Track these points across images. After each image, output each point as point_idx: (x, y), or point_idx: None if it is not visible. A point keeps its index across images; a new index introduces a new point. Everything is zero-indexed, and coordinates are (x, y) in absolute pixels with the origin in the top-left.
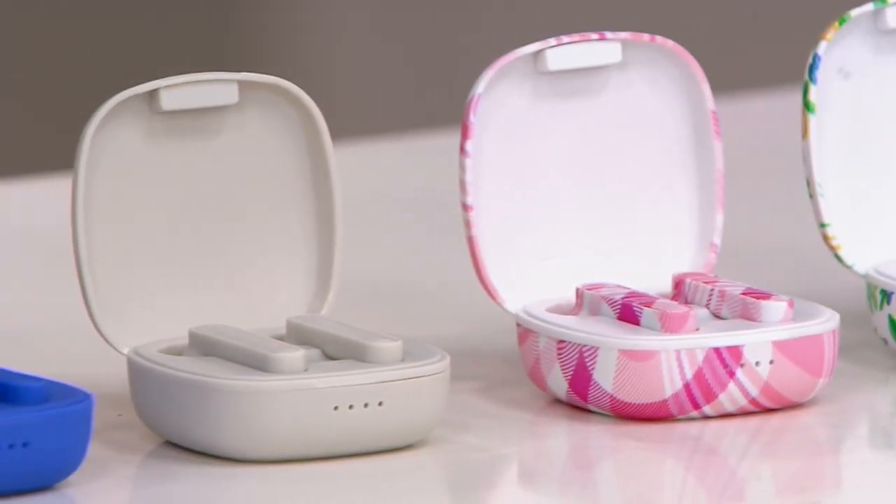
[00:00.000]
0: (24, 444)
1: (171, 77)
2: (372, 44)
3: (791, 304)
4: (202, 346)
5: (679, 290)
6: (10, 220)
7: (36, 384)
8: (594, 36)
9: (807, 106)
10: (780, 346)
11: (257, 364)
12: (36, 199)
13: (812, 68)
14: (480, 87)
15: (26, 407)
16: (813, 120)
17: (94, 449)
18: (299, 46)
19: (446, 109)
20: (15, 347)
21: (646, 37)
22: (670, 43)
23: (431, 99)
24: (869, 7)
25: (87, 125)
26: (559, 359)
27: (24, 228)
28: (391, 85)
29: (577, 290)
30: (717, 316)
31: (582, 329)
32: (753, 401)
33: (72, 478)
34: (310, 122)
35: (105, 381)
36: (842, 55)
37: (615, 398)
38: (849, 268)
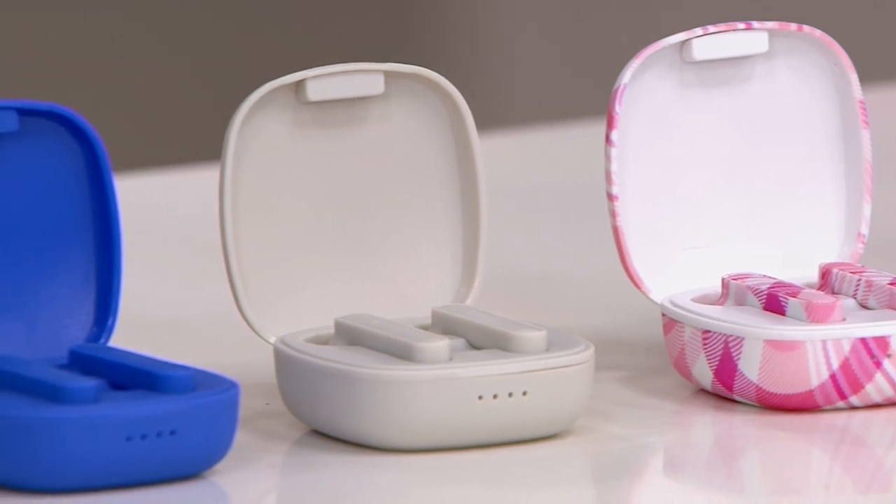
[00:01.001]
0: (172, 433)
1: (318, 67)
2: (518, 33)
3: None
4: (348, 335)
5: (826, 280)
6: (160, 209)
7: (183, 373)
8: (741, 25)
9: None
10: None
11: (402, 353)
12: (184, 188)
13: None
14: (626, 76)
15: (174, 396)
16: None
17: (240, 437)
18: (444, 36)
19: (592, 99)
20: (164, 336)
21: (793, 26)
22: (818, 32)
23: (577, 89)
24: None
25: (235, 116)
26: (704, 349)
27: (173, 218)
28: (537, 75)
29: (723, 279)
30: (863, 306)
31: (727, 319)
32: None
33: (219, 466)
34: (455, 111)
35: (252, 370)
36: None
37: (761, 388)
38: None
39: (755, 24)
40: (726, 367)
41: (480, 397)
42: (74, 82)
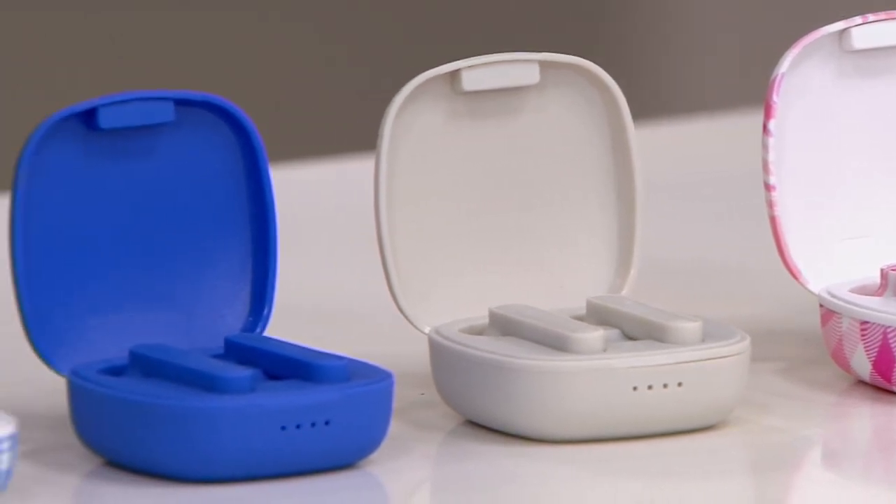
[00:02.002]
0: (326, 423)
1: (473, 57)
2: (674, 23)
3: None
4: (502, 325)
5: None
6: (315, 200)
7: (338, 363)
8: None
9: None
10: None
11: (556, 344)
12: (339, 179)
13: None
14: (784, 65)
15: (328, 385)
16: None
17: (395, 427)
18: (601, 25)
19: (749, 89)
20: (319, 326)
21: None
22: None
23: (734, 78)
24: None
25: (390, 106)
26: (863, 340)
27: (328, 208)
28: (693, 64)
29: (882, 270)
30: None
31: (886, 310)
32: None
33: (373, 456)
34: (611, 102)
35: (407, 360)
36: None
37: None
38: None
39: None
40: (885, 359)
41: (635, 388)
42: (229, 72)
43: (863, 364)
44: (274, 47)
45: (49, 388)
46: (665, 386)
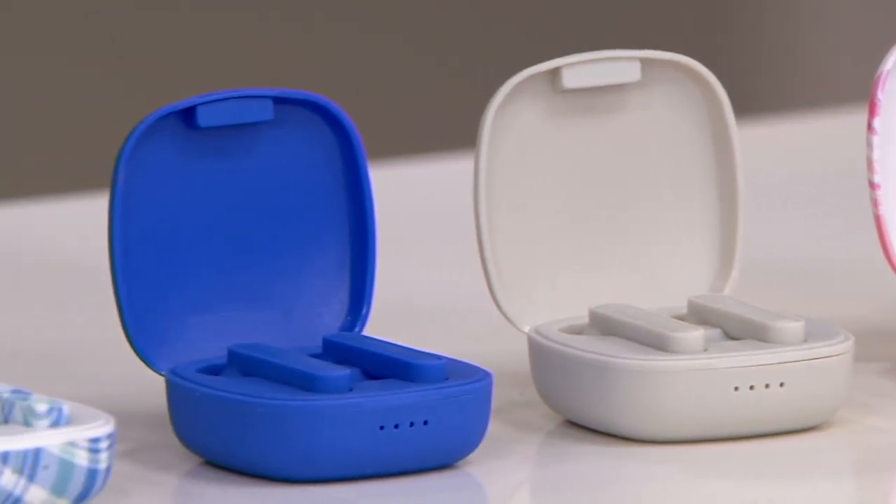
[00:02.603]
0: (425, 423)
1: (574, 55)
2: (775, 19)
3: None
4: (602, 325)
5: None
6: (414, 198)
7: (437, 362)
8: None
9: None
10: None
11: (656, 344)
12: (438, 177)
13: None
14: (889, 63)
15: (427, 385)
16: None
17: (494, 427)
18: (701, 23)
19: (854, 86)
20: (417, 326)
21: None
22: None
23: (838, 75)
24: None
25: (489, 104)
26: None
27: (427, 207)
28: (796, 61)
29: None
30: None
31: None
32: None
33: (472, 456)
34: (713, 99)
35: (506, 360)
36: None
37: None
38: None
39: None
40: None
41: (736, 388)
42: (328, 70)
43: None
44: (373, 45)
45: (148, 387)
46: (767, 386)
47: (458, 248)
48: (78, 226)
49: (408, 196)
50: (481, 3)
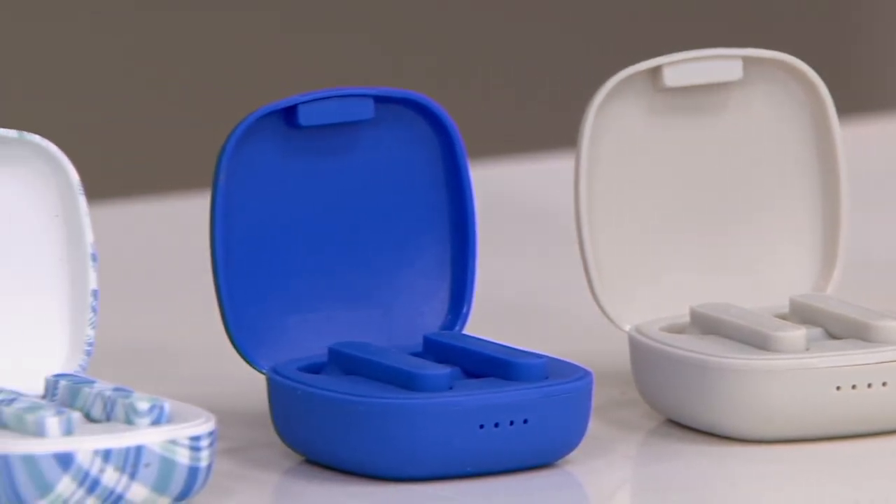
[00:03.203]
0: (525, 421)
1: (675, 53)
2: (875, 18)
3: None
4: (703, 324)
5: None
6: (516, 197)
7: (537, 361)
8: None
9: None
10: None
11: (758, 343)
12: (539, 176)
13: None
14: None
15: (527, 384)
16: None
17: (595, 426)
18: (803, 21)
19: None
20: (517, 324)
21: None
22: None
23: None
24: None
25: (590, 103)
26: None
27: (528, 206)
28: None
29: None
30: None
31: None
32: None
33: (572, 455)
34: (815, 98)
35: (607, 359)
36: None
37: None
38: None
39: None
40: None
41: (838, 388)
42: (429, 69)
43: None
44: (473, 43)
45: (249, 385)
46: (869, 385)
47: (558, 247)
48: (180, 225)
49: (508, 195)
50: (582, 1)
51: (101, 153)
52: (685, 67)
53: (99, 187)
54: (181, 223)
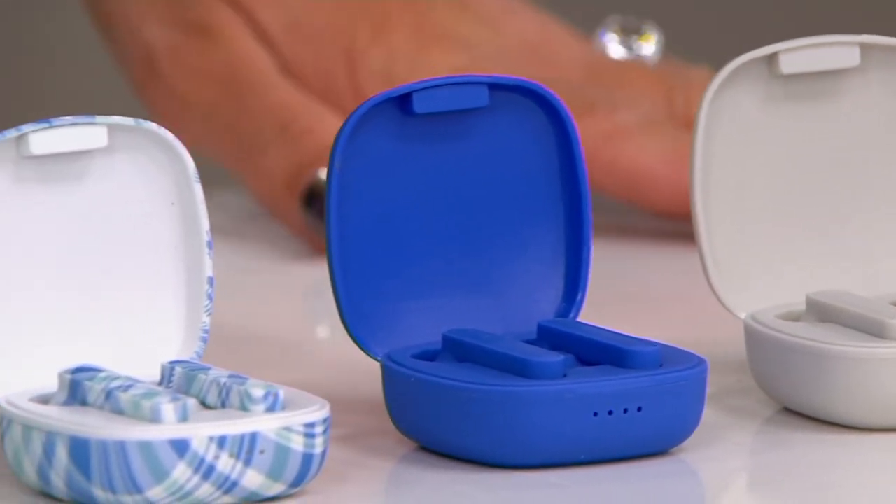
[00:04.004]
0: (639, 409)
1: (791, 40)
2: None
3: None
4: (819, 311)
5: None
6: None
7: (651, 349)
8: None
9: None
10: None
11: (874, 331)
12: None
13: None
14: None
15: (641, 372)
16: None
17: (709, 414)
18: None
19: None
20: (631, 312)
21: None
22: None
23: None
24: None
25: (706, 90)
26: None
27: None
28: None
29: None
30: None
31: None
32: None
33: (686, 443)
34: None
35: (722, 347)
36: None
37: None
38: None
39: None
40: None
41: None
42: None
43: None
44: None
45: (364, 372)
46: None
47: (672, 235)
48: None
49: None
50: None
51: None
52: (802, 54)
53: (214, 175)
54: None
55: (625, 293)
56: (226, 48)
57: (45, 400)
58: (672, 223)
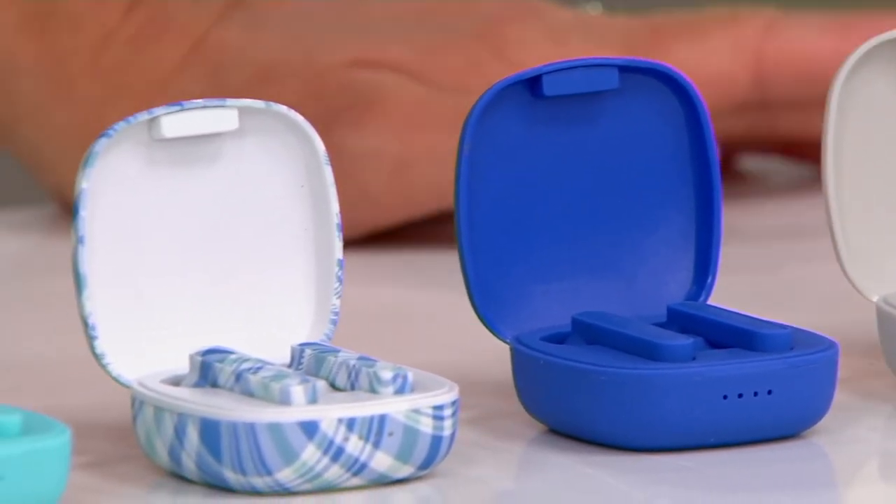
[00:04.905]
0: (769, 392)
1: None
2: None
3: None
4: None
5: None
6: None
7: (781, 332)
8: None
9: None
10: None
11: None
12: None
13: None
14: None
15: (771, 354)
16: None
17: (840, 397)
18: None
19: None
20: (763, 295)
21: None
22: None
23: None
24: None
25: (837, 74)
26: None
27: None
28: None
29: None
30: None
31: None
32: None
33: (817, 426)
34: None
35: (854, 329)
36: None
37: None
38: None
39: None
40: None
41: None
42: None
43: None
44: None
45: (492, 355)
46: None
47: (803, 218)
48: None
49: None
50: None
51: None
52: None
53: None
54: None
55: (755, 276)
56: None
57: (176, 382)
58: (801, 206)
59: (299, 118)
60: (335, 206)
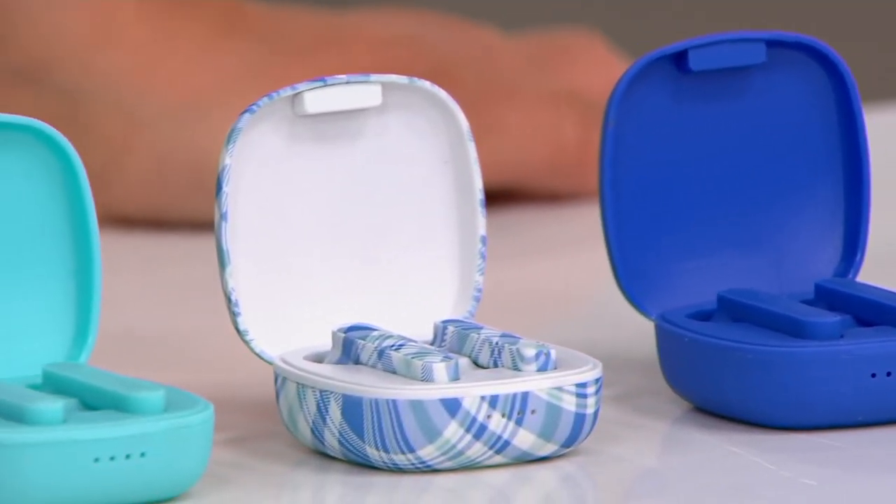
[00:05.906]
0: (889, 374)
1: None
2: None
3: None
4: None
5: None
6: None
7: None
8: None
9: None
10: None
11: None
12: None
13: None
14: None
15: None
16: None
17: None
18: None
19: None
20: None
21: None
22: None
23: None
24: None
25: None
26: None
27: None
28: None
29: None
30: None
31: None
32: None
33: None
34: None
35: None
36: None
37: None
38: None
39: None
40: None
41: None
42: (821, 11)
43: None
44: None
45: (636, 332)
46: None
47: None
48: None
49: None
50: None
51: None
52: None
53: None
54: None
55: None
56: None
57: (319, 358)
58: None
59: (443, 93)
60: (479, 182)
